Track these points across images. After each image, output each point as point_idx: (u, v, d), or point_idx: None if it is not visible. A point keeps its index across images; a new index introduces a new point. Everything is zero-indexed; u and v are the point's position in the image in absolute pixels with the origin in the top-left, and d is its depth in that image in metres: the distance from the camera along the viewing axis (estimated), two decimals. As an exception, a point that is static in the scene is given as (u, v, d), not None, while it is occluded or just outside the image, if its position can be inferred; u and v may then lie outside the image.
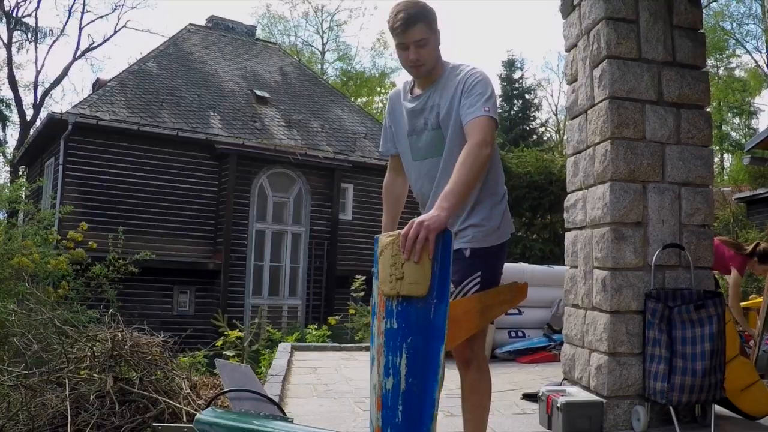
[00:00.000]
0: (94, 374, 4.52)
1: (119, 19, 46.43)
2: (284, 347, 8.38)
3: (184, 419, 4.23)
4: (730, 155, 40.11)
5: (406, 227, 2.43)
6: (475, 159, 2.70)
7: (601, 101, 4.52)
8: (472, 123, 2.82)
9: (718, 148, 37.25)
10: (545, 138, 38.31)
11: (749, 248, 6.72)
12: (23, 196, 13.49)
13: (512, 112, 35.17)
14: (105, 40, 44.49)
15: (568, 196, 5.04)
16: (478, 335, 2.96)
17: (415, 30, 2.91)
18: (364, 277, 11.82)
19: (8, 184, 16.36)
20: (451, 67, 3.05)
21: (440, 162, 3.00)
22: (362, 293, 11.56)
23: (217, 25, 23.69)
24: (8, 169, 28.89)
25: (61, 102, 50.00)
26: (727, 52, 38.52)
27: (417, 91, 3.12)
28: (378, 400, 2.46)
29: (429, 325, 2.38)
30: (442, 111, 2.98)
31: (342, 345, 9.41)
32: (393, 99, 3.28)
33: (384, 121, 3.35)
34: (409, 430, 2.39)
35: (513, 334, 8.10)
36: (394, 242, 2.46)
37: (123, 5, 44.55)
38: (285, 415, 3.35)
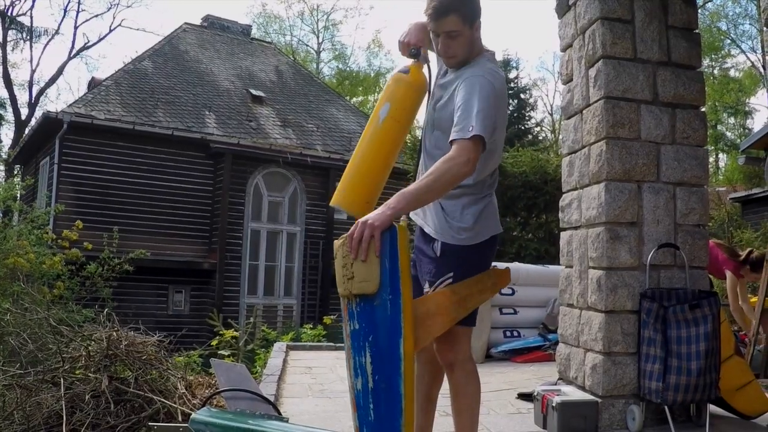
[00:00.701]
0: (90, 374, 4.51)
1: (114, 18, 46.58)
2: (279, 347, 8.37)
3: (180, 419, 4.23)
4: (725, 155, 40.22)
5: (352, 227, 2.46)
6: (449, 173, 2.64)
7: (596, 101, 4.53)
8: (454, 143, 2.71)
9: (713, 148, 37.32)
10: (540, 138, 38.25)
11: (743, 255, 6.77)
12: (18, 195, 13.45)
13: (507, 112, 35.17)
14: (100, 39, 44.34)
15: (564, 195, 5.04)
16: (462, 336, 2.90)
17: (446, 20, 2.83)
18: (360, 277, 11.82)
19: (2, 183, 16.33)
20: (482, 59, 2.96)
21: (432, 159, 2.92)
22: (358, 293, 11.55)
23: (212, 24, 23.66)
24: (3, 168, 28.80)
25: (56, 101, 50.06)
26: (722, 52, 38.61)
27: (445, 76, 3.04)
28: (353, 401, 2.49)
29: (387, 321, 2.40)
30: (441, 101, 2.95)
31: (337, 345, 9.40)
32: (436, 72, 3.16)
33: None
34: (383, 427, 2.41)
35: (508, 333, 8.10)
36: (343, 244, 2.50)
37: (118, 4, 44.74)
38: (280, 414, 3.35)
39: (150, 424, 4.06)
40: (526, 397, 5.18)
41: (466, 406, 2.94)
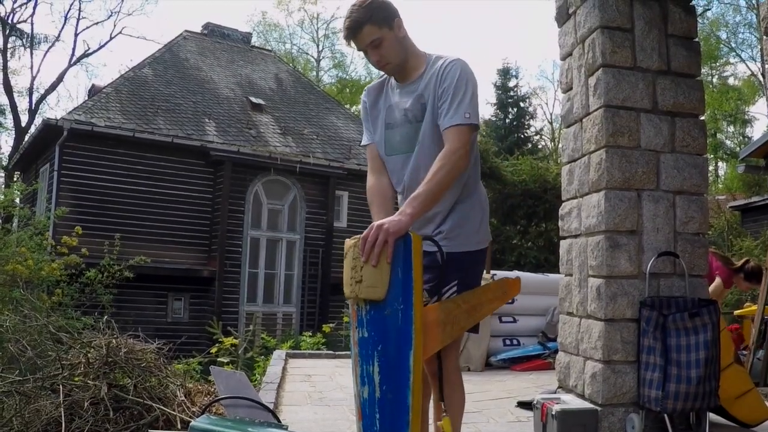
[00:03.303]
0: (89, 381, 4.51)
1: (115, 25, 46.52)
2: (279, 354, 8.37)
3: (179, 426, 4.23)
4: (724, 163, 40.26)
5: (366, 230, 2.43)
6: (450, 168, 2.67)
7: (596, 110, 4.54)
8: (452, 130, 2.76)
9: (712, 156, 37.36)
10: (540, 146, 38.47)
11: (738, 264, 6.79)
12: (17, 201, 13.45)
13: (507, 121, 35.29)
14: (100, 47, 44.49)
15: (563, 204, 5.04)
16: (449, 346, 2.83)
17: (362, 34, 2.85)
18: (359, 285, 11.81)
19: (2, 188, 16.32)
20: (434, 59, 2.95)
21: (416, 154, 2.91)
22: (357, 301, 11.54)
23: (212, 32, 23.69)
24: (2, 174, 28.80)
25: (56, 108, 50.04)
26: (721, 60, 38.69)
27: (400, 84, 3.01)
28: (358, 409, 2.47)
29: (398, 332, 2.38)
30: (428, 104, 2.89)
31: (336, 353, 9.40)
32: (373, 91, 3.15)
33: (362, 114, 3.22)
34: None
35: (508, 342, 8.11)
36: (356, 245, 2.47)
37: (119, 12, 44.74)
38: (280, 422, 3.35)
39: (150, 431, 4.06)
40: (525, 405, 5.18)
41: (450, 416, 2.88)
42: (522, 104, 36.33)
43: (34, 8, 40.34)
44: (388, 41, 2.88)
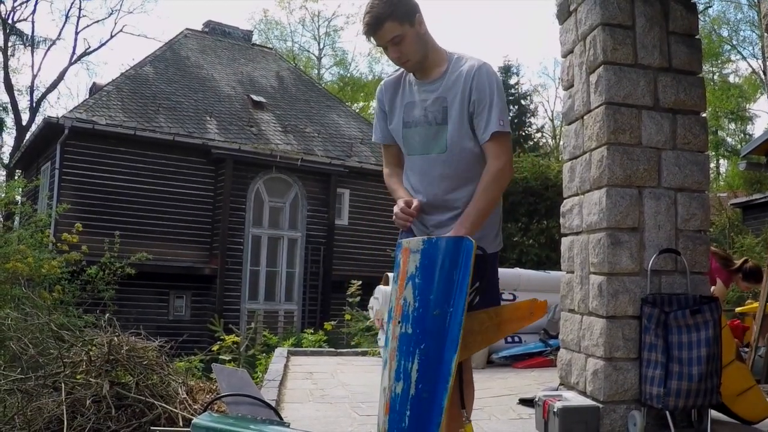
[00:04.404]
0: (91, 378, 4.51)
1: (115, 23, 46.45)
2: (280, 352, 8.38)
3: (181, 424, 4.23)
4: (726, 161, 40.22)
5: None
6: (499, 186, 2.75)
7: (597, 107, 4.53)
8: (493, 142, 2.77)
9: (714, 153, 37.33)
10: (541, 143, 38.42)
11: (737, 263, 6.80)
12: (18, 199, 13.45)
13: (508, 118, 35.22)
14: (101, 45, 44.60)
15: (565, 201, 5.04)
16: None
17: (383, 31, 2.79)
18: (360, 282, 11.83)
19: (3, 185, 16.33)
20: (456, 59, 2.91)
21: (440, 159, 2.89)
22: (358, 298, 11.56)
23: (213, 30, 23.69)
24: (4, 173, 28.84)
25: (57, 106, 50.05)
26: (722, 57, 38.65)
27: (419, 81, 2.96)
28: (386, 403, 2.46)
29: (444, 333, 2.37)
30: (451, 107, 2.85)
31: (338, 350, 9.42)
32: (390, 87, 3.07)
33: (376, 110, 3.16)
34: None
35: (509, 339, 8.10)
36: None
37: (119, 10, 44.79)
38: (281, 419, 3.35)
39: (152, 428, 4.06)
40: (527, 402, 5.18)
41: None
42: (523, 101, 36.30)
43: (35, 6, 40.39)
44: (409, 38, 2.82)
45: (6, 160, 28.65)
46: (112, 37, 49.00)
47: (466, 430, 2.67)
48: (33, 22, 35.22)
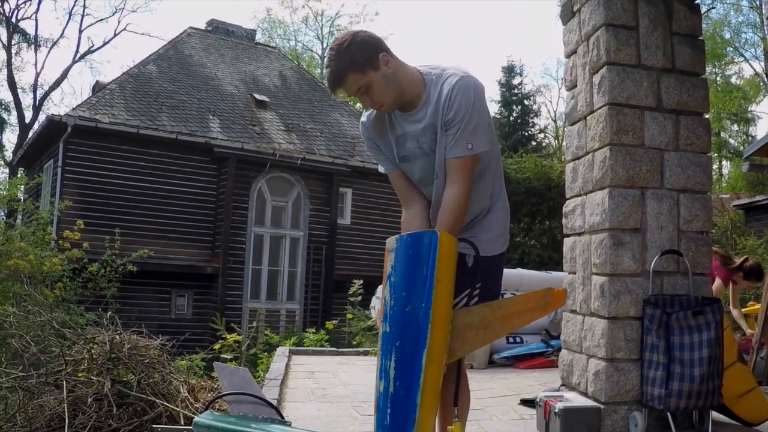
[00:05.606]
0: (92, 377, 4.51)
1: (119, 22, 46.39)
2: (282, 351, 8.38)
3: (182, 422, 4.23)
4: (728, 162, 40.16)
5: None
6: (458, 208, 2.65)
7: (600, 107, 4.53)
8: (454, 165, 2.67)
9: (716, 155, 37.28)
10: (544, 144, 38.43)
11: (738, 262, 6.80)
12: (21, 196, 13.47)
13: (511, 118, 35.28)
14: (105, 43, 44.58)
15: (567, 202, 5.04)
16: None
17: (347, 84, 2.66)
18: (362, 282, 11.83)
19: (6, 182, 16.35)
20: (435, 79, 2.73)
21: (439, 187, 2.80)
22: (360, 298, 11.56)
23: (217, 28, 23.67)
24: (6, 170, 28.86)
25: (60, 104, 50.02)
26: (725, 59, 38.61)
27: (402, 114, 2.80)
28: (375, 402, 2.49)
29: (416, 329, 2.39)
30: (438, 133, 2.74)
31: (340, 349, 9.42)
32: (374, 124, 2.92)
33: (370, 145, 3.01)
34: None
35: (511, 339, 8.11)
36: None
37: (123, 9, 44.81)
38: (283, 418, 3.35)
39: (153, 426, 4.06)
40: (528, 403, 5.18)
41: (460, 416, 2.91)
42: (526, 102, 36.34)
43: (39, 5, 40.43)
44: (377, 83, 2.66)
45: (9, 158, 28.64)
46: (115, 35, 49.19)
47: (454, 427, 2.65)
48: (36, 21, 35.35)
